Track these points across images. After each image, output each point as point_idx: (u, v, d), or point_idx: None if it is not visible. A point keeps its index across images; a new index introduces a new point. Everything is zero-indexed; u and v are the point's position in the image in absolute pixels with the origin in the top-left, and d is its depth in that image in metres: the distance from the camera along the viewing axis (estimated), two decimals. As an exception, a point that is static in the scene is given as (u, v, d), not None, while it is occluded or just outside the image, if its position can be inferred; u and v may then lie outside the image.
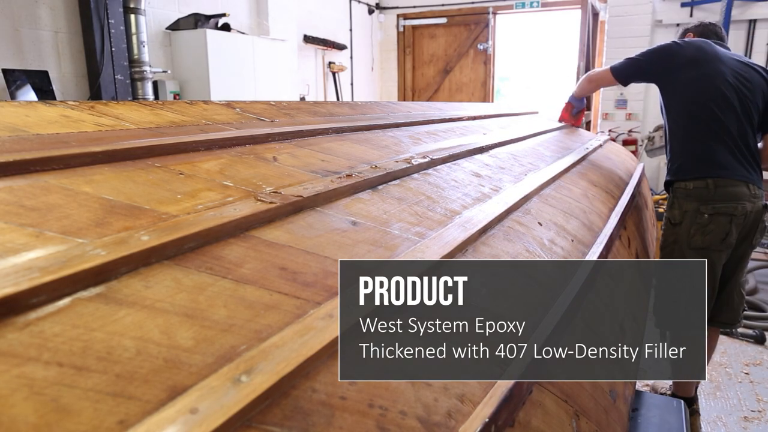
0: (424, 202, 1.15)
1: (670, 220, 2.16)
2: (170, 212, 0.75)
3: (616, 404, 1.12)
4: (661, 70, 2.22)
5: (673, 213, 2.15)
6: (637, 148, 6.67)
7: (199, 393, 0.48)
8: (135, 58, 4.08)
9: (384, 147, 1.47)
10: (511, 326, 0.89)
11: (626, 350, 1.38)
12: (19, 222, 0.62)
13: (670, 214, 2.16)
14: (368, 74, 8.17)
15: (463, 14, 7.91)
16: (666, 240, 2.18)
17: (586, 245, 1.43)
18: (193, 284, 0.62)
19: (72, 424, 0.41)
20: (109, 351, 0.49)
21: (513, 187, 1.50)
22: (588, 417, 0.93)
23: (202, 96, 4.52)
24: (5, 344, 0.45)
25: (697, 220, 2.06)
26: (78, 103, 1.12)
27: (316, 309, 0.66)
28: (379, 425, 0.57)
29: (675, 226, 2.13)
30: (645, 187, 2.95)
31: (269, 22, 5.65)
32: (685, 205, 2.10)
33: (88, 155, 0.83)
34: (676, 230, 2.13)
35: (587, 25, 6.62)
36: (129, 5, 3.99)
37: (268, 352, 0.56)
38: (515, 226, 1.26)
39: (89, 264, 0.56)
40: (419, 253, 0.90)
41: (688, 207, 2.08)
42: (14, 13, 3.56)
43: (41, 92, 3.57)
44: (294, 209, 0.89)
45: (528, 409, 0.77)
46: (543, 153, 2.16)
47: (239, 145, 1.12)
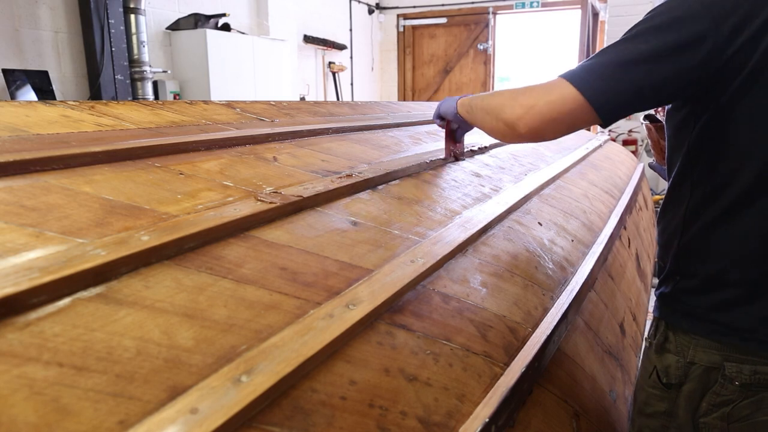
0: (425, 202, 1.15)
1: (656, 371, 1.04)
2: (170, 212, 0.75)
3: (616, 404, 1.12)
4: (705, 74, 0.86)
5: (666, 360, 1.02)
6: (637, 148, 6.67)
7: (200, 393, 0.48)
8: (135, 58, 4.07)
9: (384, 147, 1.47)
10: (512, 326, 0.89)
11: (626, 350, 1.38)
12: (19, 222, 0.62)
13: (656, 360, 1.04)
14: (368, 74, 8.17)
15: (463, 14, 7.91)
16: (648, 404, 1.05)
17: (586, 245, 1.43)
18: (193, 284, 0.62)
19: (72, 424, 0.41)
20: (109, 351, 0.49)
21: (513, 187, 1.50)
22: (588, 417, 0.93)
23: (202, 96, 4.52)
24: (5, 344, 0.45)
25: (717, 388, 0.97)
26: (78, 103, 1.12)
27: (317, 309, 0.66)
28: (379, 425, 0.57)
29: (669, 388, 1.03)
30: (645, 187, 2.95)
31: (269, 22, 5.65)
32: (692, 350, 0.99)
33: (88, 155, 0.83)
34: (672, 396, 1.03)
35: (587, 25, 6.63)
36: (129, 5, 3.99)
37: (269, 352, 0.56)
38: (515, 226, 1.26)
39: (89, 264, 0.56)
40: (419, 252, 0.90)
41: (701, 357, 0.98)
42: (14, 13, 3.55)
43: (41, 92, 3.57)
44: (294, 209, 0.89)
45: (528, 409, 0.77)
46: (543, 153, 2.16)
47: (239, 145, 1.12)
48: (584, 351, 1.07)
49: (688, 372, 0.99)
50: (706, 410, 0.97)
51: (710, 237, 0.96)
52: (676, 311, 1.01)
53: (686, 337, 0.99)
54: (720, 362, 0.96)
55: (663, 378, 1.02)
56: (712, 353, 0.96)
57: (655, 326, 1.06)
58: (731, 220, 0.92)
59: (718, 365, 0.96)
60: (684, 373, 0.99)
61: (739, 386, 0.94)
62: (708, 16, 0.82)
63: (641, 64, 0.84)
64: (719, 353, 0.96)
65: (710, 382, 0.97)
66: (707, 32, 0.82)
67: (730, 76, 0.84)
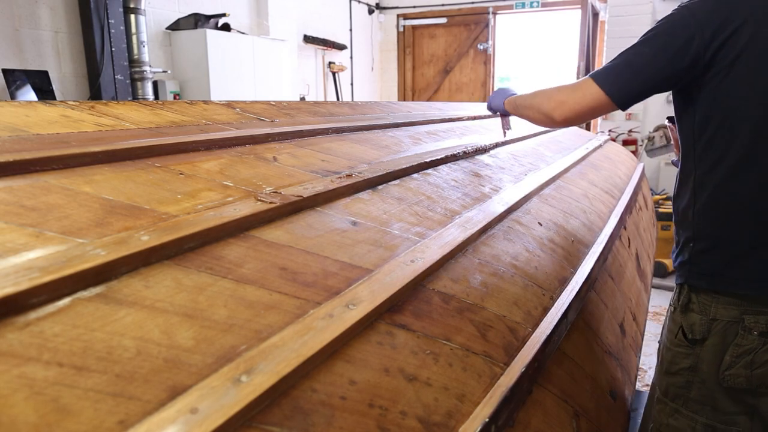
0: (424, 202, 1.15)
1: (682, 329, 1.17)
2: (170, 212, 0.75)
3: (616, 404, 1.12)
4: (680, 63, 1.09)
5: (690, 318, 1.15)
6: (637, 148, 6.67)
7: (200, 393, 0.48)
8: (135, 58, 4.07)
9: (384, 147, 1.47)
10: (512, 326, 0.89)
11: (626, 350, 1.38)
12: (19, 222, 0.62)
13: (682, 319, 1.17)
14: (368, 74, 8.17)
15: (463, 14, 7.91)
16: (674, 362, 1.18)
17: (586, 245, 1.43)
18: (193, 284, 0.62)
19: (72, 424, 0.41)
20: (109, 351, 0.49)
21: (513, 187, 1.50)
22: (588, 417, 0.93)
23: (202, 96, 4.52)
24: (5, 344, 0.45)
25: (738, 340, 1.10)
26: (78, 103, 1.12)
27: (316, 309, 0.66)
28: (379, 425, 0.57)
29: (693, 345, 1.15)
30: (645, 187, 2.95)
31: (269, 22, 5.65)
32: (714, 308, 1.13)
33: (88, 155, 0.83)
34: (696, 351, 1.14)
35: (587, 25, 6.62)
36: (129, 5, 3.99)
37: (268, 352, 0.56)
38: (515, 226, 1.26)
39: (89, 264, 0.56)
40: (419, 252, 0.90)
41: (722, 313, 1.11)
42: (14, 13, 3.55)
43: (41, 92, 3.57)
44: (294, 209, 0.89)
45: (528, 409, 0.77)
46: (543, 153, 2.16)
47: (239, 145, 1.12)
48: (584, 351, 1.07)
49: (711, 328, 1.13)
50: (730, 363, 1.11)
51: (719, 200, 1.13)
52: (694, 273, 1.17)
53: (707, 297, 1.14)
54: (739, 316, 1.11)
55: (689, 334, 1.16)
56: (732, 309, 1.11)
57: (678, 292, 1.21)
58: (734, 182, 1.10)
59: (738, 319, 1.11)
60: (707, 329, 1.14)
61: (758, 335, 1.09)
62: (694, 23, 1.08)
63: (646, 65, 1.12)
64: (738, 308, 1.11)
65: (731, 335, 1.11)
66: (694, 35, 1.07)
67: (715, 65, 1.08)
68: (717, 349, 1.12)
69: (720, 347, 1.12)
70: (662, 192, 6.32)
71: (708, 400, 1.14)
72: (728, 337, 1.11)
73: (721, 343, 1.12)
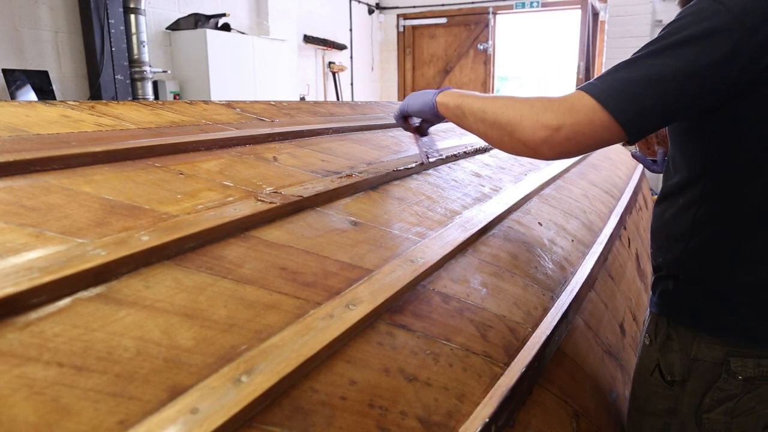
0: (425, 202, 1.15)
1: (659, 368, 1.04)
2: (170, 212, 0.75)
3: (616, 404, 1.12)
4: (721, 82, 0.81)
5: (669, 358, 1.03)
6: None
7: (200, 393, 0.48)
8: (135, 58, 4.07)
9: (384, 147, 1.47)
10: (512, 326, 0.89)
11: (626, 350, 1.38)
12: (19, 222, 0.62)
13: (661, 358, 1.04)
14: (368, 74, 8.17)
15: (463, 14, 7.91)
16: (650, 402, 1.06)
17: (586, 245, 1.43)
18: (194, 284, 0.62)
19: (72, 424, 0.41)
20: (109, 351, 0.49)
21: (513, 187, 1.50)
22: (588, 417, 0.93)
23: (202, 96, 4.52)
24: (5, 344, 0.45)
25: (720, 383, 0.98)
26: (78, 103, 1.12)
27: (317, 309, 0.66)
28: (379, 425, 0.57)
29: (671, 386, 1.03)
30: (645, 187, 2.95)
31: (269, 22, 5.65)
32: (695, 347, 0.99)
33: (88, 155, 0.83)
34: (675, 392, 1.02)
35: (587, 25, 6.63)
36: (129, 5, 3.99)
37: (269, 352, 0.56)
38: (515, 226, 1.26)
39: (89, 264, 0.56)
40: (420, 252, 0.90)
41: (705, 353, 0.99)
42: (14, 13, 3.55)
43: (41, 92, 3.57)
44: (294, 209, 0.89)
45: (528, 409, 0.77)
46: (543, 153, 2.16)
47: (239, 145, 1.12)
48: (584, 351, 1.07)
49: (692, 368, 0.99)
50: (710, 406, 0.98)
51: (723, 245, 0.94)
52: (679, 310, 1.01)
53: (689, 333, 0.99)
54: (723, 358, 0.96)
55: (667, 376, 1.02)
56: (716, 349, 0.97)
57: (655, 324, 1.05)
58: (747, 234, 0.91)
59: (722, 361, 0.96)
60: (687, 369, 1.00)
61: (743, 380, 0.95)
62: (740, 27, 0.77)
63: (673, 81, 0.79)
64: (722, 348, 0.96)
65: (714, 378, 0.97)
66: (741, 44, 0.77)
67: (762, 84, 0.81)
68: (698, 391, 0.99)
69: (701, 389, 0.98)
70: (662, 192, 6.31)
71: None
72: (710, 379, 0.97)
73: (702, 385, 0.98)
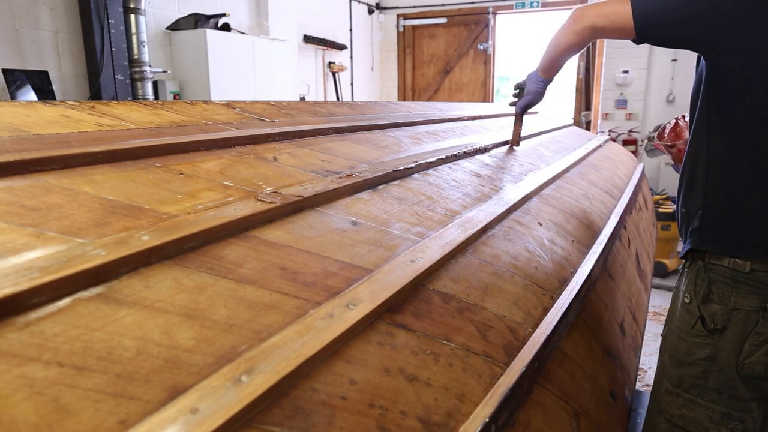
0: (424, 202, 1.15)
1: (702, 319, 1.16)
2: (170, 212, 0.75)
3: (616, 404, 1.12)
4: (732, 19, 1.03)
5: (710, 309, 1.15)
6: (637, 148, 6.67)
7: (200, 393, 0.48)
8: (135, 58, 4.07)
9: (384, 147, 1.47)
10: (512, 326, 0.89)
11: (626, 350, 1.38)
12: (20, 222, 0.62)
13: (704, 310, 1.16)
14: (368, 74, 8.17)
15: (463, 14, 7.91)
16: (690, 353, 1.17)
17: (586, 245, 1.43)
18: (194, 284, 0.62)
19: (72, 424, 0.41)
20: (109, 351, 0.49)
21: (513, 187, 1.50)
22: (588, 417, 0.93)
23: (202, 96, 4.52)
24: (5, 344, 0.45)
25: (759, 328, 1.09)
26: (78, 103, 1.12)
27: (317, 309, 0.66)
28: (379, 425, 0.57)
29: (712, 334, 1.14)
30: (645, 187, 2.95)
31: (269, 22, 5.65)
32: (734, 298, 1.12)
33: (88, 155, 0.83)
34: (715, 340, 1.13)
35: (587, 25, 6.61)
36: (129, 5, 3.99)
37: (269, 352, 0.56)
38: (515, 226, 1.26)
39: (89, 264, 0.56)
40: (420, 252, 0.90)
41: (742, 302, 1.11)
42: (14, 13, 3.55)
43: (41, 92, 3.57)
44: (294, 209, 0.89)
45: (528, 409, 0.77)
46: (543, 153, 2.16)
47: (239, 145, 1.12)
48: (584, 351, 1.07)
49: (731, 317, 1.13)
50: (749, 351, 1.11)
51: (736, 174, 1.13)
52: (705, 238, 1.18)
53: (727, 288, 1.14)
54: (760, 305, 1.10)
55: (710, 324, 1.15)
56: (752, 298, 1.11)
57: (693, 283, 1.20)
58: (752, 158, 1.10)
59: (758, 308, 1.11)
60: (728, 318, 1.13)
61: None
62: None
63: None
64: (758, 297, 1.11)
65: (751, 324, 1.11)
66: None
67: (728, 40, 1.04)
68: (737, 338, 1.12)
69: (740, 336, 1.12)
70: (662, 192, 6.32)
71: (726, 389, 1.14)
72: (748, 325, 1.11)
73: (741, 332, 1.12)
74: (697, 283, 1.19)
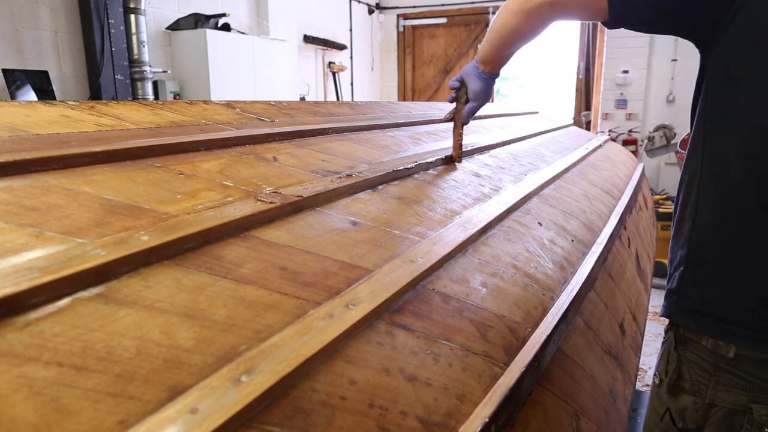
0: (425, 202, 1.15)
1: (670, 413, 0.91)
2: (170, 212, 0.75)
3: (616, 404, 1.12)
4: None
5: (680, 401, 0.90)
6: (637, 148, 6.67)
7: (200, 393, 0.48)
8: (135, 58, 4.07)
9: (384, 147, 1.47)
10: (512, 326, 0.89)
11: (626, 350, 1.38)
12: (19, 222, 0.62)
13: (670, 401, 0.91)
14: (368, 74, 8.17)
15: (463, 14, 7.91)
16: None
17: (586, 245, 1.43)
18: (193, 284, 0.62)
19: (72, 424, 0.41)
20: (109, 351, 0.49)
21: (513, 187, 1.50)
22: (588, 417, 0.93)
23: (202, 96, 4.52)
24: (5, 344, 0.45)
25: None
26: (78, 103, 1.12)
27: (316, 309, 0.66)
28: (379, 425, 0.57)
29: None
30: (645, 187, 2.95)
31: (269, 22, 5.65)
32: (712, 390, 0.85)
33: (88, 155, 0.83)
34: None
35: (587, 25, 6.62)
36: (129, 5, 3.99)
37: (268, 352, 0.56)
38: (515, 226, 1.26)
39: (89, 264, 0.56)
40: (419, 252, 0.90)
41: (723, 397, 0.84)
42: (14, 13, 3.55)
43: (41, 92, 3.57)
44: (294, 209, 0.89)
45: (528, 409, 0.77)
46: (543, 153, 2.16)
47: (239, 145, 1.12)
48: (584, 351, 1.07)
49: (708, 415, 0.84)
50: None
51: (726, 216, 0.84)
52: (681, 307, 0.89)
53: (704, 376, 0.85)
54: (746, 403, 0.81)
55: (678, 422, 0.88)
56: (737, 393, 0.82)
57: (665, 360, 0.93)
58: (754, 193, 0.80)
59: (744, 407, 0.81)
60: (702, 416, 0.85)
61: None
62: None
63: None
64: (745, 393, 0.81)
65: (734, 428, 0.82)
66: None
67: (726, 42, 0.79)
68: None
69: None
70: (662, 192, 6.33)
71: None
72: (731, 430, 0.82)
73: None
74: (668, 360, 0.91)
